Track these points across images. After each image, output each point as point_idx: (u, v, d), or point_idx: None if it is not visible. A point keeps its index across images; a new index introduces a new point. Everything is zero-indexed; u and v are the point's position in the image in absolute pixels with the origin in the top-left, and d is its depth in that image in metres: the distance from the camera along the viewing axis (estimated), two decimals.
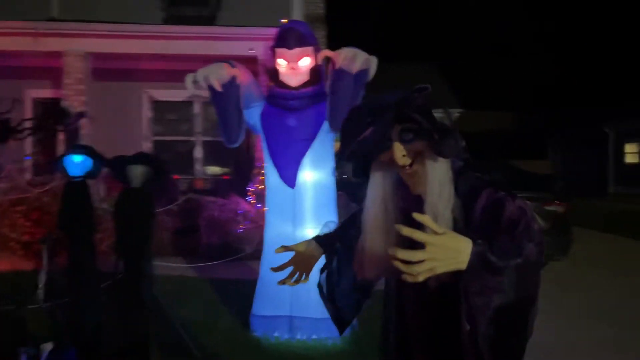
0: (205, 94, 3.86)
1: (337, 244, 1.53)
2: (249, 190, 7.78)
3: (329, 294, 1.52)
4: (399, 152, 1.22)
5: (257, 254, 6.52)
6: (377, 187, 1.32)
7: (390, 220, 1.29)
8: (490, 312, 1.06)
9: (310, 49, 3.78)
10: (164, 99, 10.12)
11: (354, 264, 1.38)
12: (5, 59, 9.05)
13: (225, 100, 3.74)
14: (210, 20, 9.68)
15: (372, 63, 3.43)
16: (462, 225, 1.18)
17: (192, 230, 6.85)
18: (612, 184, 21.24)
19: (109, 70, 9.06)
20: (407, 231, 1.04)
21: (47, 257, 3.02)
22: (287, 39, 3.73)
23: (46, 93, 9.73)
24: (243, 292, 5.21)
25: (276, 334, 3.85)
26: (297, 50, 3.73)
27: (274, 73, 3.87)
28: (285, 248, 1.51)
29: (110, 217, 2.84)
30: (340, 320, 1.54)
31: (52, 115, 7.85)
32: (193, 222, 6.94)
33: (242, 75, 3.80)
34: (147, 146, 10.06)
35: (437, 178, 1.21)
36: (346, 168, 1.36)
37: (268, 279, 4.02)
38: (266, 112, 3.93)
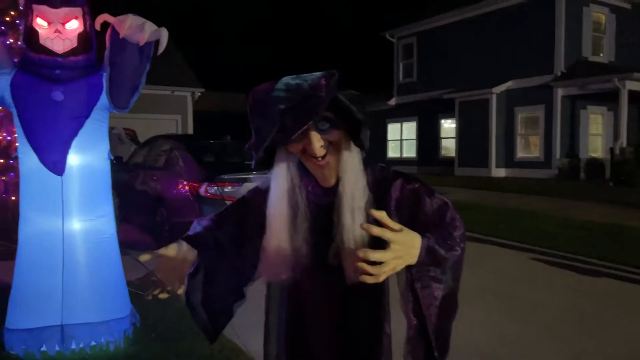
0: None
1: (212, 243, 1.35)
2: None
3: (203, 300, 1.33)
4: (317, 142, 1.14)
5: None
6: (282, 180, 1.21)
7: (300, 215, 1.20)
8: (438, 301, 1.10)
9: (79, 10, 3.21)
10: None
11: (261, 264, 1.24)
12: None
13: None
14: None
15: (163, 35, 3.11)
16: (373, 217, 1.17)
17: None
18: None
19: None
20: (376, 231, 0.98)
21: None
22: None
23: None
24: None
25: (44, 348, 3.24)
26: (64, 10, 3.14)
27: (31, 35, 3.16)
28: (153, 254, 1.26)
29: None
30: (213, 327, 1.37)
31: None
32: None
33: None
34: None
35: (353, 169, 1.18)
36: (252, 159, 1.20)
37: (27, 284, 3.34)
38: (20, 81, 3.20)
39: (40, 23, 3.14)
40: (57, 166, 3.25)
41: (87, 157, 3.38)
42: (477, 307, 4.52)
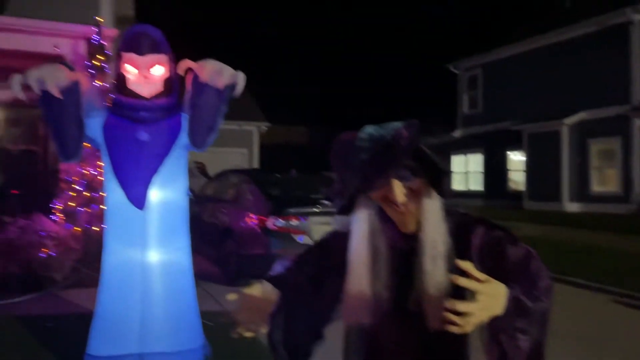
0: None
1: (292, 284, 1.40)
2: (54, 207, 6.78)
3: (284, 339, 1.38)
4: (399, 190, 1.18)
5: (72, 283, 5.70)
6: (364, 225, 1.25)
7: (380, 260, 1.24)
8: (523, 353, 1.09)
9: (164, 57, 3.47)
10: None
11: (342, 307, 1.28)
12: None
13: (62, 109, 3.19)
14: None
15: (240, 79, 3.29)
16: (454, 264, 1.18)
17: None
18: None
19: None
20: (464, 282, 1.00)
21: None
22: (139, 44, 3.36)
23: None
24: (63, 329, 4.51)
25: None
26: (150, 57, 3.39)
27: (120, 80, 3.44)
28: (239, 293, 1.33)
29: None
30: None
31: None
32: None
33: (84, 81, 3.29)
34: None
35: (434, 216, 1.20)
36: (335, 204, 1.26)
37: (109, 312, 3.53)
38: (110, 123, 3.47)
39: (128, 69, 3.41)
40: (139, 200, 3.46)
41: (166, 193, 3.57)
42: (550, 353, 4.29)
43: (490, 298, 1.02)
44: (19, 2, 8.11)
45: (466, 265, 1.02)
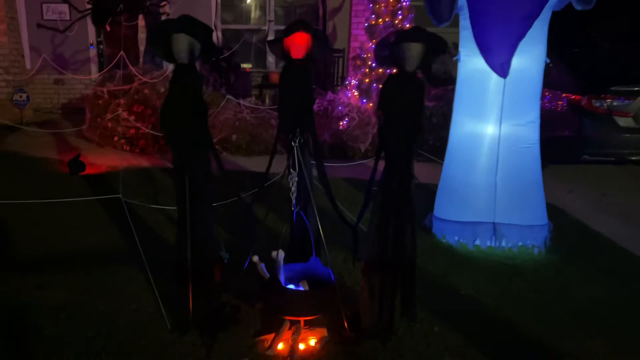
0: None
1: None
2: (349, 83, 7.15)
3: None
4: None
5: (368, 154, 6.04)
6: None
7: None
8: None
9: None
10: None
11: None
12: None
13: None
14: None
15: None
16: None
17: None
18: None
19: None
20: None
21: (298, 157, 2.55)
22: None
23: None
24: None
25: (477, 242, 3.47)
26: None
27: None
28: None
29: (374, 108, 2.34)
30: None
31: None
32: None
33: None
34: (215, 35, 9.30)
35: None
36: None
37: (457, 181, 3.57)
38: None
39: None
40: (503, 68, 3.25)
41: (526, 60, 3.29)
42: None
43: None
44: None
45: None
